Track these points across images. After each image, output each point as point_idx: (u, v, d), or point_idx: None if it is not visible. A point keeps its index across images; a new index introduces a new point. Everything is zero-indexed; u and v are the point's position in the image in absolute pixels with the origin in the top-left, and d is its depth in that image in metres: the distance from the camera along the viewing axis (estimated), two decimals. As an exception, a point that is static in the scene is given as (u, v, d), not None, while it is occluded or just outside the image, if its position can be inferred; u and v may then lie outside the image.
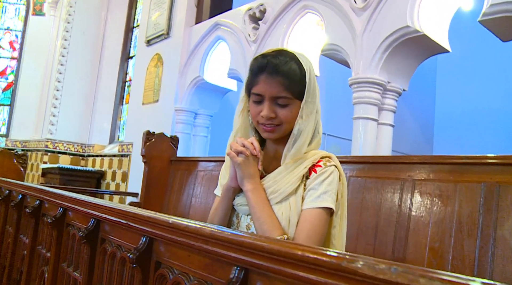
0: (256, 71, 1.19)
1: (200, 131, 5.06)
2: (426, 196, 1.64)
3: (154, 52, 5.44)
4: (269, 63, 1.16)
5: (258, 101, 1.19)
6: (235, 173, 1.20)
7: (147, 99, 5.41)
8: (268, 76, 1.15)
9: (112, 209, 1.17)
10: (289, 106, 1.16)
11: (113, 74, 6.82)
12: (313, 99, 1.19)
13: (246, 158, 1.17)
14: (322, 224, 1.13)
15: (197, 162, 3.14)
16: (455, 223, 1.52)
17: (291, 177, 1.17)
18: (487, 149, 6.51)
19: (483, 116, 7.17)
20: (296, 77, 1.16)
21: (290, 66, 1.16)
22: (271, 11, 3.87)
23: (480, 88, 7.23)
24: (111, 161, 6.14)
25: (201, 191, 2.96)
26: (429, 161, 1.68)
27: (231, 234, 0.72)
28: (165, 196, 3.26)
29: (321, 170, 1.18)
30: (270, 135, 1.21)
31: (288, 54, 1.19)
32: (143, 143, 3.22)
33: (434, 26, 2.87)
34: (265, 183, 1.20)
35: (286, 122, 1.17)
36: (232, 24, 4.34)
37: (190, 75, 4.87)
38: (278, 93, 1.15)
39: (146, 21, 5.67)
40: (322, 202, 1.13)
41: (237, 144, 1.19)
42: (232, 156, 1.18)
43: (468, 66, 7.45)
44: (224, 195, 1.25)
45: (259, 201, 1.16)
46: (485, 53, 7.04)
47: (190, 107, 4.91)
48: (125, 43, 6.79)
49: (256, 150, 1.18)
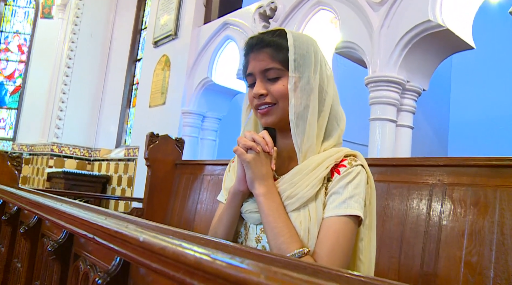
0: (246, 51, 1.07)
1: (208, 134, 4.88)
2: (459, 203, 1.44)
3: (162, 53, 5.30)
4: (256, 39, 1.04)
5: (251, 84, 1.05)
6: (243, 173, 1.01)
7: (154, 102, 5.26)
8: (256, 51, 1.03)
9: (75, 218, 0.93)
10: (281, 79, 1.01)
11: (121, 77, 6.70)
12: (315, 74, 1.01)
13: (257, 155, 0.98)
14: (348, 236, 0.93)
15: (203, 166, 2.96)
16: (496, 235, 1.32)
17: (311, 178, 0.97)
18: (504, 154, 6.25)
19: (500, 120, 6.91)
20: (284, 47, 1.00)
21: (278, 38, 1.02)
22: (282, 9, 3.69)
23: (496, 91, 6.96)
24: (117, 165, 5.99)
25: (207, 196, 2.77)
26: (462, 163, 1.47)
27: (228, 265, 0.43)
28: (169, 202, 3.08)
29: (345, 170, 0.98)
30: (266, 119, 1.03)
31: (279, 30, 1.05)
32: (146, 145, 3.05)
33: (457, 20, 2.67)
34: (280, 185, 1.00)
35: (281, 98, 1.01)
36: (241, 23, 4.17)
37: (198, 76, 4.71)
38: (266, 65, 1.01)
39: (154, 22, 5.54)
40: (347, 208, 0.94)
41: (246, 138, 1.00)
42: (240, 152, 0.99)
43: (484, 67, 7.19)
44: (230, 200, 1.06)
45: (273, 207, 0.96)
46: (502, 54, 6.79)
47: (197, 110, 4.75)
48: (132, 45, 6.67)
49: (268, 145, 0.99)
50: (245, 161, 0.98)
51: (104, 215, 0.85)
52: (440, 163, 1.53)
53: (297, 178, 0.99)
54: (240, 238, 1.08)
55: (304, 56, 1.00)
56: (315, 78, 1.01)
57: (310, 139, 1.00)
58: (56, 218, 1.03)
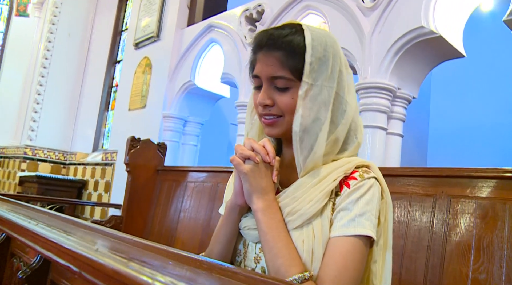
0: (255, 48, 0.94)
1: (189, 140, 4.74)
2: (465, 216, 1.37)
3: (143, 55, 5.15)
4: (267, 36, 0.90)
5: (258, 87, 0.93)
6: (241, 186, 0.90)
7: (134, 105, 5.09)
8: (265, 53, 0.89)
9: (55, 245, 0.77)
10: (290, 90, 0.88)
11: (99, 79, 6.49)
12: (330, 83, 0.89)
13: (255, 166, 0.87)
14: (357, 258, 0.82)
15: (186, 172, 2.83)
16: (507, 251, 1.24)
17: (316, 192, 0.86)
18: (482, 164, 6.31)
19: (478, 131, 6.98)
20: (297, 51, 0.87)
21: (293, 39, 0.88)
22: (270, 12, 3.61)
23: (476, 102, 7.04)
24: (94, 169, 5.78)
25: (191, 204, 2.65)
26: (467, 174, 1.40)
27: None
28: (150, 209, 2.94)
29: (356, 183, 0.87)
30: (271, 130, 0.92)
31: (295, 25, 0.92)
32: (127, 150, 2.91)
33: (450, 28, 2.63)
34: (281, 200, 0.89)
35: (288, 112, 0.89)
36: (226, 26, 4.07)
37: (180, 80, 4.57)
38: (274, 72, 0.88)
39: (135, 23, 5.38)
40: (357, 227, 0.83)
41: (244, 146, 0.89)
42: (237, 162, 0.88)
43: (464, 76, 7.27)
44: (227, 215, 0.95)
45: (272, 224, 0.85)
46: (481, 64, 6.87)
47: (179, 114, 4.61)
48: (112, 47, 6.48)
49: (269, 155, 0.88)
50: (242, 172, 0.87)
51: (94, 242, 0.71)
52: (443, 173, 1.45)
53: (300, 192, 0.88)
54: (239, 257, 0.97)
55: (320, 60, 0.88)
56: (330, 88, 0.89)
57: (315, 159, 0.88)
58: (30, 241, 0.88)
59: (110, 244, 0.70)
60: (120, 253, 0.62)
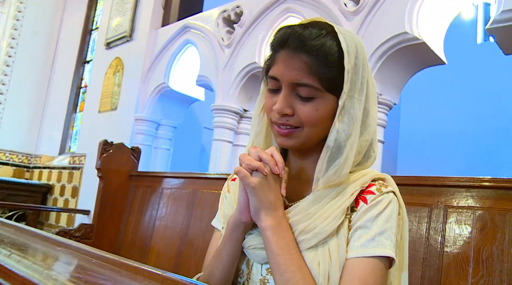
0: (275, 46, 0.83)
1: (162, 143, 4.60)
2: (463, 227, 1.32)
3: (114, 56, 4.96)
4: (293, 34, 0.79)
5: (274, 90, 0.83)
6: (247, 201, 0.81)
7: (104, 107, 4.90)
8: (289, 53, 0.79)
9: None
10: (314, 100, 0.79)
11: (67, 79, 6.24)
12: (360, 96, 0.81)
13: (264, 179, 0.78)
14: (378, 282, 0.74)
15: (162, 178, 2.70)
16: (507, 263, 1.20)
17: (332, 208, 0.78)
18: (450, 171, 6.42)
19: (448, 137, 7.11)
20: (329, 58, 0.78)
21: (324, 41, 0.78)
22: (249, 14, 3.53)
23: (445, 109, 7.17)
24: (60, 173, 5.53)
25: (167, 212, 2.52)
26: (464, 183, 1.35)
27: None
28: (123, 217, 2.79)
29: (373, 198, 0.80)
30: (285, 141, 0.83)
31: (324, 26, 0.81)
32: (99, 154, 2.76)
33: (432, 34, 2.62)
34: (292, 216, 0.81)
35: (308, 124, 0.80)
36: (203, 27, 3.96)
37: (154, 81, 4.43)
38: (299, 79, 0.78)
39: (106, 22, 5.19)
40: (377, 247, 0.75)
41: (250, 156, 0.80)
42: (244, 175, 0.78)
43: (434, 84, 7.40)
44: (230, 233, 0.85)
45: (282, 244, 0.76)
46: (451, 70, 7.01)
47: (152, 117, 4.46)
48: (82, 46, 6.25)
49: (278, 166, 0.79)
50: (250, 186, 0.78)
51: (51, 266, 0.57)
52: (438, 182, 1.40)
53: (314, 208, 0.79)
54: (241, 278, 0.87)
55: (353, 69, 0.80)
56: (361, 101, 0.81)
57: (342, 177, 0.80)
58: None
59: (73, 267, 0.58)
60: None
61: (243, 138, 3.74)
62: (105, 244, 2.70)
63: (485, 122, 6.42)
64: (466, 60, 6.62)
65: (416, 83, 7.38)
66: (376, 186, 0.83)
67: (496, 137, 6.30)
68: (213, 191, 2.29)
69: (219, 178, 2.31)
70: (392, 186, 0.84)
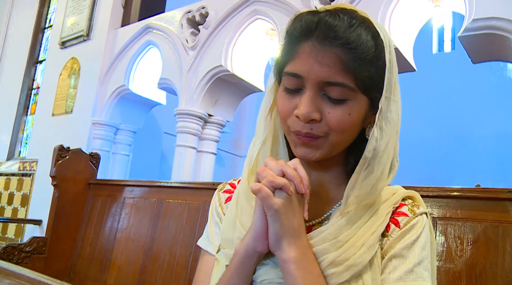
0: (297, 35, 0.67)
1: (121, 149, 4.38)
2: (454, 240, 1.26)
3: (70, 56, 4.69)
4: (322, 23, 0.65)
5: (293, 90, 0.68)
6: (265, 226, 0.65)
7: (59, 110, 4.62)
8: (318, 46, 0.64)
9: None
10: (346, 103, 0.66)
11: (17, 80, 5.86)
12: (396, 97, 0.70)
13: (288, 200, 0.63)
14: None
15: (123, 187, 2.53)
16: (501, 278, 1.15)
17: (366, 235, 0.67)
18: (410, 177, 6.54)
19: (406, 144, 7.24)
20: (367, 54, 0.65)
21: (360, 33, 0.65)
22: (214, 15, 3.41)
23: (403, 116, 7.32)
24: (9, 180, 5.17)
25: (129, 223, 2.36)
26: (455, 194, 1.30)
27: None
28: (80, 229, 2.59)
29: (406, 221, 0.70)
30: (308, 153, 0.69)
31: (356, 15, 0.68)
32: (54, 161, 2.55)
33: (402, 40, 2.61)
34: (316, 243, 0.67)
35: (338, 131, 0.67)
36: (166, 28, 3.81)
37: (113, 84, 4.21)
38: (331, 77, 0.64)
39: (61, 20, 4.91)
40: (417, 280, 0.65)
41: (271, 171, 0.64)
42: (266, 194, 0.63)
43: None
44: (239, 264, 0.68)
45: (310, 281, 0.63)
46: (407, 82, 7.16)
47: (110, 121, 4.24)
48: (33, 45, 5.89)
49: (304, 183, 0.65)
50: (272, 208, 0.63)
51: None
52: (428, 193, 1.34)
53: (344, 234, 0.67)
54: None
55: (390, 66, 0.68)
56: (397, 102, 0.70)
57: (377, 194, 0.69)
58: None
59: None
60: None
61: (208, 144, 3.61)
62: (60, 259, 2.49)
63: (440, 130, 6.57)
64: (423, 69, 6.76)
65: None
66: (407, 206, 0.72)
67: (450, 144, 6.47)
68: (180, 200, 2.16)
69: (186, 187, 2.18)
70: (423, 205, 0.75)
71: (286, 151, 0.77)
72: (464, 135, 6.36)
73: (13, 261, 2.35)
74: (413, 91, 6.80)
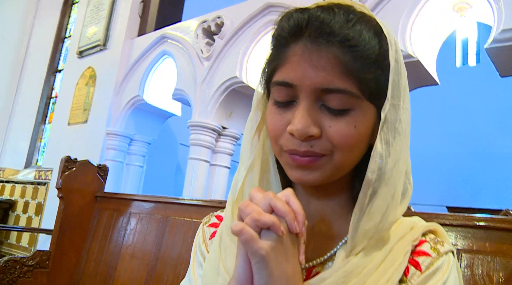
0: (285, 36, 0.56)
1: (134, 160, 4.32)
2: (481, 277, 1.11)
3: (87, 65, 4.69)
4: (314, 19, 0.53)
5: (284, 103, 0.56)
6: (249, 274, 0.51)
7: (75, 119, 4.60)
8: (311, 46, 0.53)
9: None
10: (350, 113, 0.54)
11: (37, 88, 5.91)
12: (405, 103, 0.57)
13: (279, 242, 0.49)
14: None
15: (130, 201, 2.44)
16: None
17: (380, 283, 0.53)
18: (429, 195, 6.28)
19: (426, 161, 6.97)
20: (371, 52, 0.53)
21: (360, 28, 0.53)
22: (230, 25, 3.34)
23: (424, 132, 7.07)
24: (25, 188, 5.17)
25: (135, 240, 2.26)
26: (483, 223, 1.15)
27: None
28: (85, 243, 2.51)
29: (430, 263, 0.56)
30: (305, 175, 0.56)
31: (352, 8, 0.56)
32: (60, 172, 2.49)
33: (426, 53, 2.47)
34: None
35: (343, 148, 0.54)
36: (181, 37, 3.75)
37: (128, 94, 4.17)
38: (330, 82, 0.52)
39: (80, 30, 4.93)
40: None
41: (256, 206, 0.51)
42: (249, 237, 0.48)
43: (411, 109, 7.29)
44: None
45: None
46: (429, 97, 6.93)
47: (124, 132, 4.19)
48: (53, 54, 5.94)
49: (299, 220, 0.51)
50: (258, 254, 0.49)
51: None
52: (452, 221, 1.19)
53: (353, 282, 0.53)
54: None
55: (396, 67, 0.56)
56: (407, 110, 0.57)
57: (387, 227, 0.56)
58: None
59: None
60: None
61: (221, 157, 3.51)
62: (64, 274, 2.41)
63: (464, 146, 6.33)
64: (446, 83, 6.55)
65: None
66: (429, 243, 0.58)
67: (474, 162, 6.22)
68: (187, 218, 2.05)
69: (195, 205, 2.07)
70: (448, 241, 0.60)
71: (279, 179, 0.64)
72: (488, 152, 6.11)
73: (15, 275, 2.28)
74: (436, 105, 6.59)
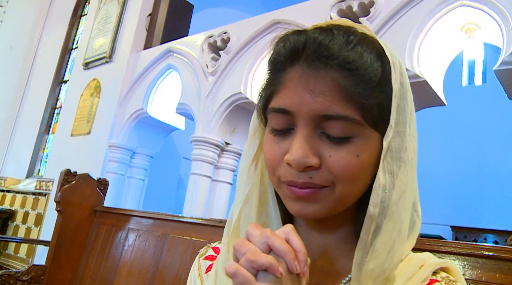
0: (281, 60, 0.53)
1: (136, 173, 4.28)
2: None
3: (92, 77, 4.69)
4: (310, 40, 0.50)
5: (281, 131, 0.53)
6: None
7: (78, 130, 4.59)
8: (309, 70, 0.50)
9: None
10: (352, 141, 0.50)
11: (42, 98, 5.91)
12: (412, 130, 0.54)
13: (278, 284, 0.44)
14: None
15: (129, 217, 2.40)
16: None
17: None
18: (434, 214, 6.21)
19: (431, 180, 6.90)
20: (373, 75, 0.50)
21: (361, 50, 0.50)
22: (236, 41, 3.33)
23: (429, 151, 7.00)
24: (25, 199, 5.13)
25: (132, 256, 2.21)
26: (492, 253, 1.10)
27: None
28: (82, 258, 2.46)
29: None
30: (305, 208, 0.52)
31: (352, 29, 0.53)
32: (59, 186, 2.45)
33: (433, 74, 2.44)
34: None
35: (345, 180, 0.50)
36: (187, 52, 3.74)
37: (131, 106, 4.16)
38: (330, 108, 0.49)
39: (86, 41, 4.94)
40: None
41: (252, 245, 0.46)
42: (243, 280, 0.44)
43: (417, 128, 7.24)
44: None
45: None
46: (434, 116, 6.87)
47: (127, 144, 4.16)
48: (60, 65, 5.96)
49: (300, 260, 0.46)
50: None
51: None
52: (460, 249, 1.14)
53: None
54: None
55: (401, 92, 0.53)
56: (414, 137, 0.54)
57: (393, 266, 0.51)
58: None
59: None
60: None
61: (224, 173, 3.47)
62: (58, 290, 2.36)
63: (468, 166, 6.27)
64: (452, 102, 6.51)
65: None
66: (440, 282, 0.53)
67: (479, 181, 6.16)
68: (186, 237, 2.00)
69: (194, 223, 2.02)
70: (461, 281, 0.55)
71: (278, 212, 0.59)
72: (493, 172, 6.04)
73: (9, 290, 2.23)
74: (441, 125, 6.54)
